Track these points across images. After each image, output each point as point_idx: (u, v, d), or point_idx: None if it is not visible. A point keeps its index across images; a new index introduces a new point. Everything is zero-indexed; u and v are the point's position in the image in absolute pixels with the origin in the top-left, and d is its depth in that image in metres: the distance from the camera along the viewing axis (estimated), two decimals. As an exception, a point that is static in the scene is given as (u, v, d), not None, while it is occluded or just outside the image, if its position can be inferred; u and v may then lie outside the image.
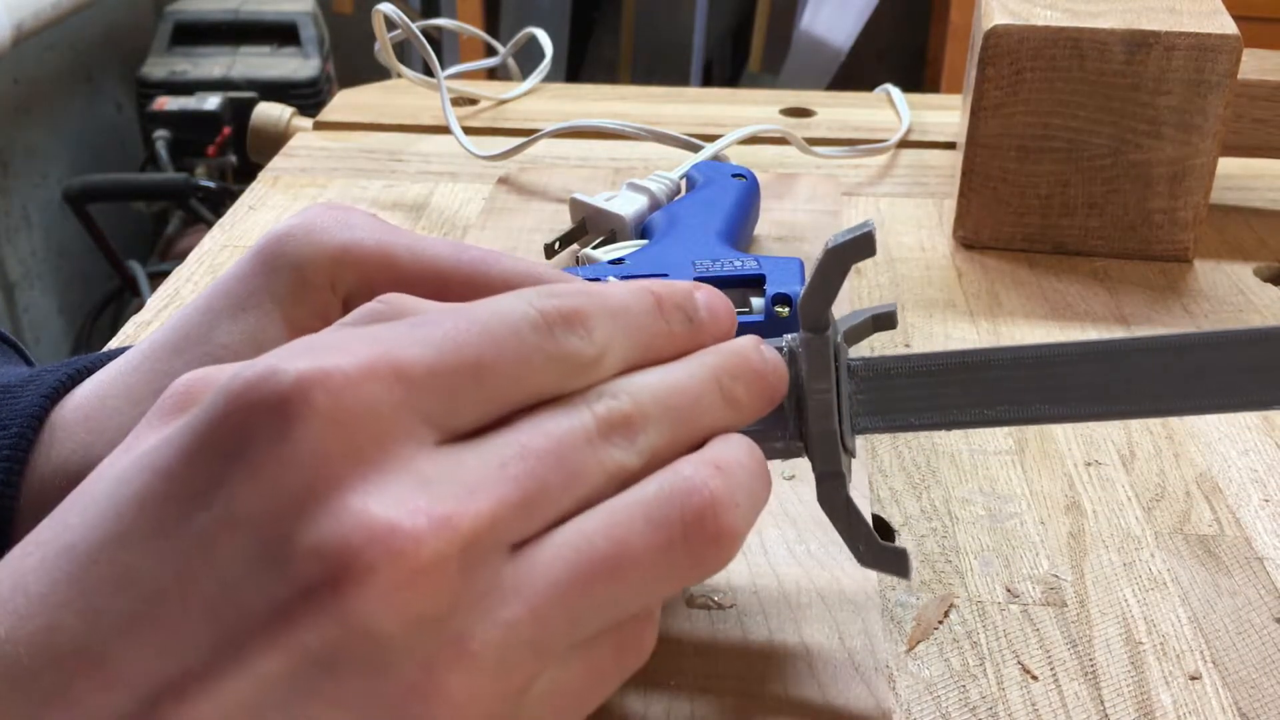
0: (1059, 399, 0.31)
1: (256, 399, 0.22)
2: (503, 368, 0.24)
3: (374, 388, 0.22)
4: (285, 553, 0.21)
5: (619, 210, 0.55)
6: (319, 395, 0.22)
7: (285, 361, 0.22)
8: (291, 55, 1.95)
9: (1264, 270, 0.58)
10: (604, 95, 0.83)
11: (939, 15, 2.03)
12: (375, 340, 0.23)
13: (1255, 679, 0.33)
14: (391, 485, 0.22)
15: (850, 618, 0.34)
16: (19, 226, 1.83)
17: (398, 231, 0.31)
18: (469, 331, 0.24)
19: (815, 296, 0.30)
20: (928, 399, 0.31)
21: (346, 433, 0.22)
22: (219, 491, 0.21)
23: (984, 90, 0.56)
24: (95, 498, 0.23)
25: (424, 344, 0.24)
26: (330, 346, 0.23)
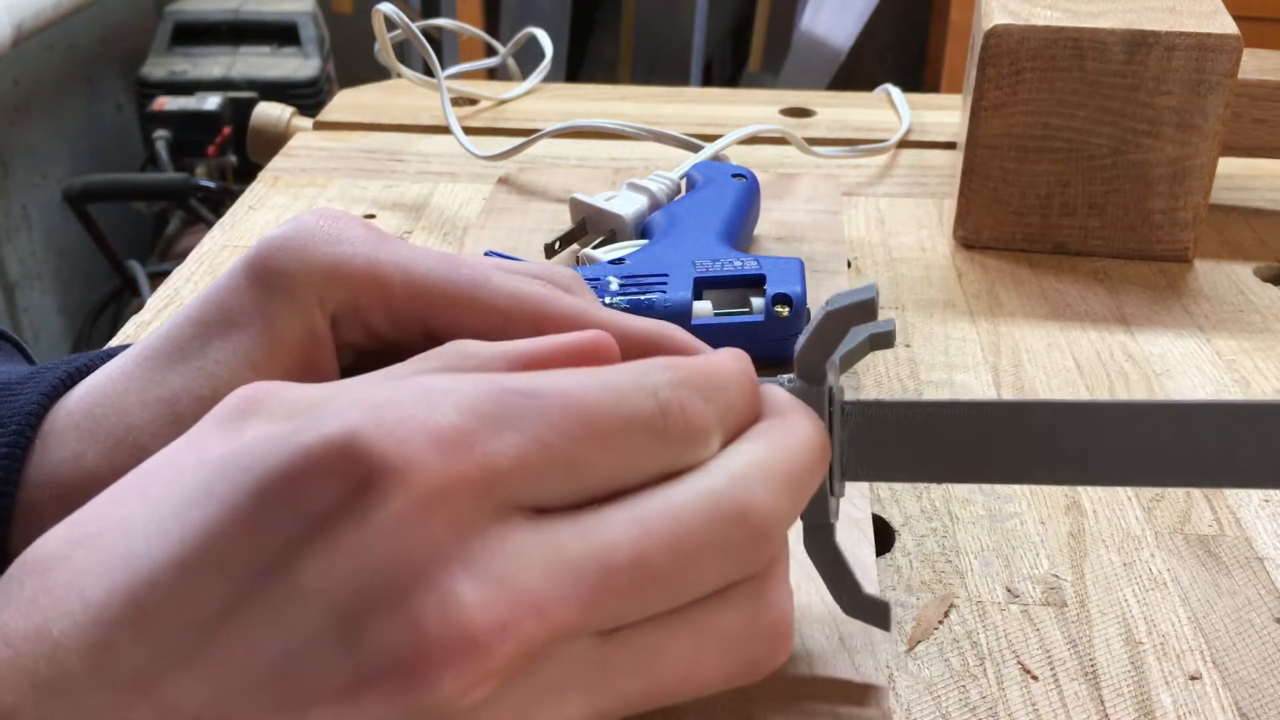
0: (1060, 462, 0.30)
1: (335, 467, 0.21)
2: (605, 460, 0.24)
3: (458, 484, 0.22)
4: (356, 638, 0.21)
5: (619, 210, 0.55)
6: (400, 485, 0.21)
7: (368, 428, 0.22)
8: (291, 55, 1.95)
9: (1264, 270, 0.58)
10: (604, 95, 0.83)
11: (939, 15, 2.03)
12: (467, 415, 0.22)
13: (1255, 679, 0.33)
14: (471, 578, 0.21)
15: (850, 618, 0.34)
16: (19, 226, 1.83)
17: (390, 247, 0.31)
18: (574, 421, 0.23)
19: (812, 351, 0.29)
20: (921, 452, 0.31)
21: (426, 526, 0.21)
22: (288, 553, 0.21)
23: (984, 90, 0.56)
24: (160, 504, 0.22)
25: (519, 430, 0.23)
26: (417, 416, 0.22)
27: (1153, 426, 0.29)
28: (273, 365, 0.30)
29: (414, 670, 0.21)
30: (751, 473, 0.25)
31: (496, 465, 0.22)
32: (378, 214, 0.64)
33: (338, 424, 0.22)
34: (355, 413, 0.22)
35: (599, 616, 0.23)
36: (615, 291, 0.47)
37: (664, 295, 0.46)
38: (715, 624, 0.25)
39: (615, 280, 0.47)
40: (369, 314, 0.31)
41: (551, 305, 0.31)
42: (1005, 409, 0.30)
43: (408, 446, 0.21)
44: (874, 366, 0.49)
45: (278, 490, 0.22)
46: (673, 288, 0.47)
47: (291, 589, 0.21)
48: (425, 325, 0.31)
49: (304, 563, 0.21)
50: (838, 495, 0.31)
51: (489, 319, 0.31)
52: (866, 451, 0.31)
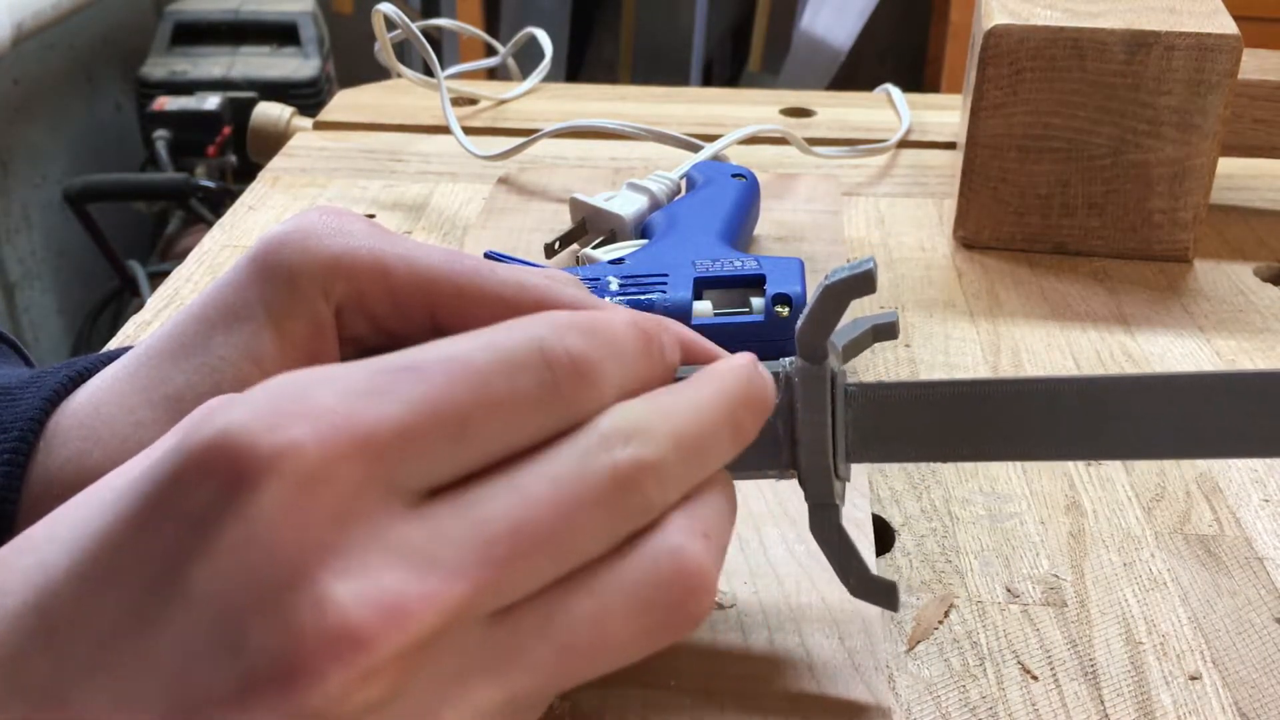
0: (1061, 436, 0.30)
1: (209, 467, 0.21)
2: (492, 421, 0.23)
3: (335, 463, 0.21)
4: (238, 642, 0.20)
5: (619, 210, 0.55)
6: (273, 474, 0.21)
7: (240, 423, 0.21)
8: (291, 55, 1.95)
9: (1264, 270, 0.58)
10: (604, 95, 0.83)
11: (939, 15, 2.03)
12: (344, 395, 0.22)
13: (1255, 679, 0.33)
14: (349, 571, 0.21)
15: (850, 618, 0.34)
16: (19, 226, 1.83)
17: (392, 240, 0.31)
18: (455, 381, 0.23)
19: (812, 328, 0.29)
20: (925, 430, 0.31)
21: (304, 515, 0.21)
22: (175, 560, 0.21)
23: (984, 90, 0.56)
24: (79, 518, 0.22)
25: (401, 400, 0.22)
26: (292, 404, 0.22)
27: (1152, 399, 0.29)
28: (277, 359, 0.30)
29: (295, 673, 0.20)
30: (624, 425, 0.24)
31: (375, 437, 0.22)
32: (378, 214, 0.64)
33: (214, 424, 0.21)
34: (234, 410, 0.22)
35: (488, 592, 0.22)
36: (615, 291, 0.47)
37: (664, 295, 0.46)
38: (613, 581, 0.24)
39: (615, 280, 0.47)
40: (374, 305, 0.31)
41: (554, 293, 0.31)
42: (1005, 385, 0.30)
43: (280, 432, 0.21)
44: (874, 366, 0.49)
45: (159, 497, 0.21)
46: (673, 288, 0.47)
47: (180, 596, 0.21)
48: (430, 316, 0.31)
49: (190, 568, 0.21)
50: (842, 478, 0.31)
51: (493, 308, 0.30)
52: (870, 432, 0.31)
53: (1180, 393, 0.29)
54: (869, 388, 0.31)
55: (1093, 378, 0.30)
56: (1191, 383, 0.29)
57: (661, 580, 0.24)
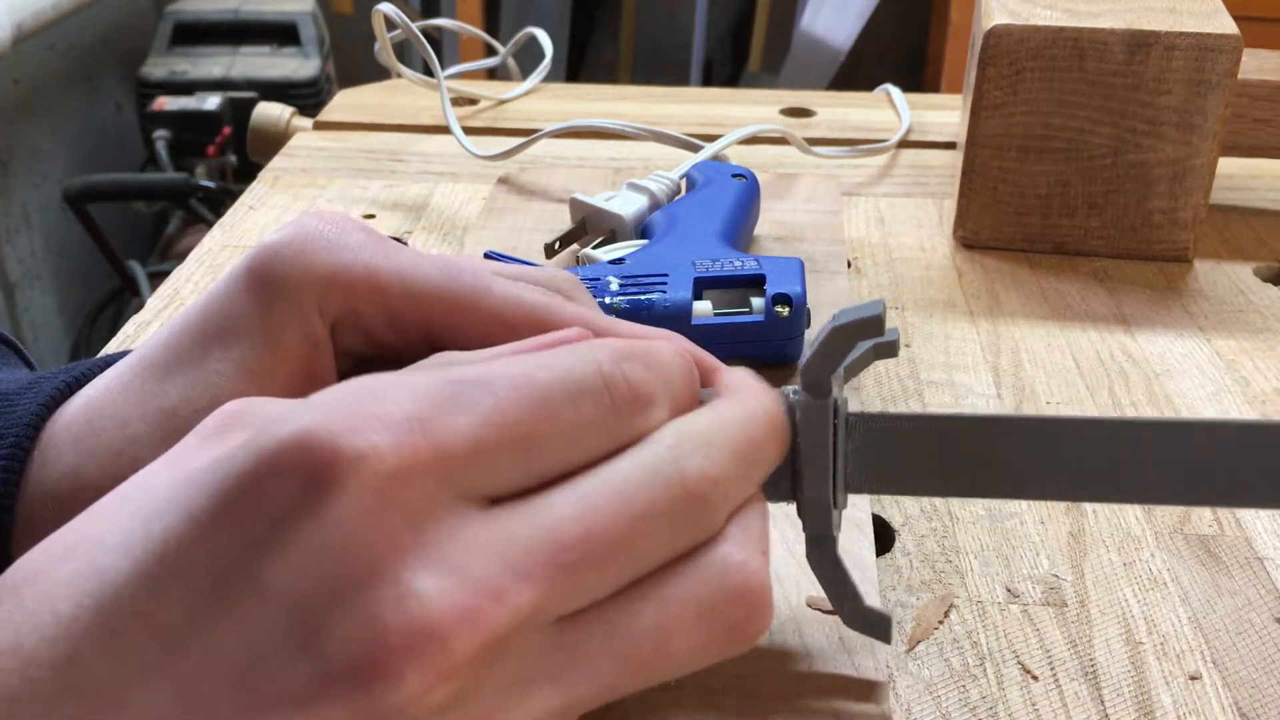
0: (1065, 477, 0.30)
1: (290, 466, 0.21)
2: (557, 438, 0.24)
3: (412, 469, 0.22)
4: (316, 638, 0.21)
5: (619, 210, 0.55)
6: (353, 477, 0.21)
7: (321, 425, 0.22)
8: (291, 55, 1.95)
9: (1264, 270, 0.58)
10: (604, 95, 0.83)
11: (939, 15, 2.03)
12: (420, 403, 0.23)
13: (1255, 679, 0.33)
14: (427, 571, 0.21)
15: (850, 618, 0.34)
16: (19, 226, 1.83)
17: (388, 253, 0.31)
18: (524, 400, 0.24)
19: (818, 364, 0.29)
20: (926, 464, 0.31)
21: (382, 518, 0.21)
22: (249, 557, 0.21)
23: (984, 90, 0.56)
24: (130, 518, 0.22)
25: (471, 413, 0.23)
26: (370, 410, 0.22)
27: (1161, 444, 0.29)
28: (273, 374, 0.30)
29: (374, 668, 0.20)
30: (688, 440, 0.25)
31: (450, 447, 0.22)
32: (378, 214, 0.64)
33: (293, 425, 0.22)
34: (310, 413, 0.22)
35: (557, 597, 0.23)
36: (615, 291, 0.47)
37: (664, 295, 0.46)
38: (677, 592, 0.25)
39: (615, 280, 0.47)
40: (369, 320, 0.31)
41: (553, 312, 0.31)
42: (1011, 423, 0.30)
43: (360, 437, 0.21)
44: (875, 367, 0.49)
45: (235, 495, 0.21)
46: (673, 288, 0.47)
47: (253, 593, 0.21)
48: (426, 332, 0.31)
49: (264, 565, 0.21)
50: (840, 507, 0.31)
51: (490, 326, 0.31)
52: (870, 464, 0.31)
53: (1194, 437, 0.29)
54: (871, 419, 0.31)
55: (1101, 419, 0.30)
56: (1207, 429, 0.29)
57: (727, 593, 0.25)
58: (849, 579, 0.31)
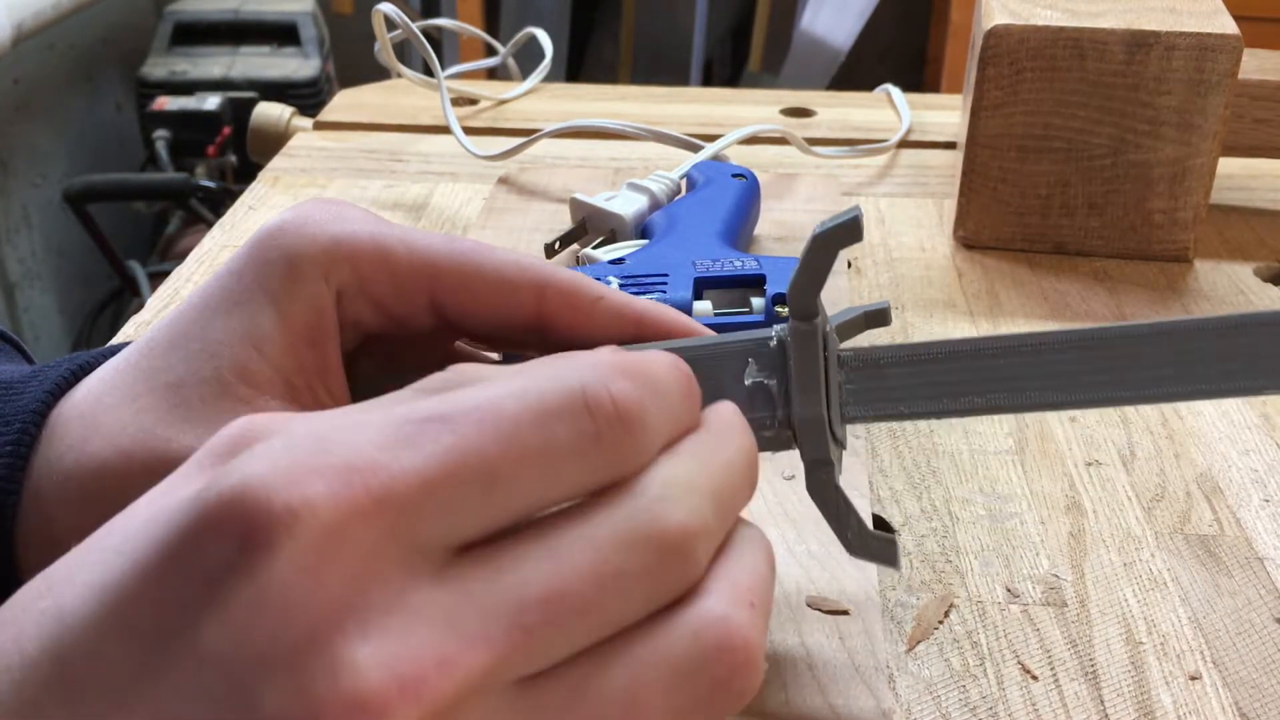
0: (1051, 386, 0.30)
1: (226, 523, 0.20)
2: (525, 475, 0.22)
3: (353, 521, 0.20)
4: (251, 706, 0.20)
5: (619, 210, 0.55)
6: (286, 535, 0.20)
7: (259, 479, 0.20)
8: (291, 55, 1.95)
9: (1264, 270, 0.58)
10: (604, 95, 0.83)
11: (939, 15, 2.03)
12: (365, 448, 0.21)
13: (1255, 679, 0.33)
14: (365, 638, 0.20)
15: (850, 618, 0.34)
16: (19, 226, 1.83)
17: (390, 224, 0.31)
18: (485, 432, 0.21)
19: (803, 284, 0.30)
20: (917, 387, 0.31)
21: (318, 578, 0.20)
22: (187, 615, 0.20)
23: (984, 90, 0.56)
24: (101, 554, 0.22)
25: (425, 453, 0.21)
26: (310, 459, 0.21)
27: (1144, 345, 0.30)
28: (277, 341, 0.30)
29: None
30: (674, 489, 0.23)
31: (394, 495, 0.20)
32: (378, 214, 0.64)
33: (235, 478, 0.20)
34: (256, 463, 0.21)
35: (515, 661, 0.21)
36: (615, 291, 0.47)
37: (664, 295, 0.46)
38: (651, 651, 0.22)
39: (615, 280, 0.47)
40: (374, 287, 0.31)
41: (553, 272, 0.31)
42: (996, 342, 0.30)
43: (295, 490, 0.20)
44: (874, 366, 0.49)
45: (175, 549, 0.20)
46: (673, 288, 0.47)
47: (190, 653, 0.20)
48: (431, 297, 0.31)
49: (201, 626, 0.20)
50: (838, 439, 0.31)
51: (493, 285, 0.30)
52: (863, 393, 0.31)
53: (1171, 337, 0.29)
54: (861, 351, 0.31)
55: (1080, 329, 0.30)
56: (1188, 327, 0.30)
57: (705, 654, 0.22)
58: (850, 505, 0.30)
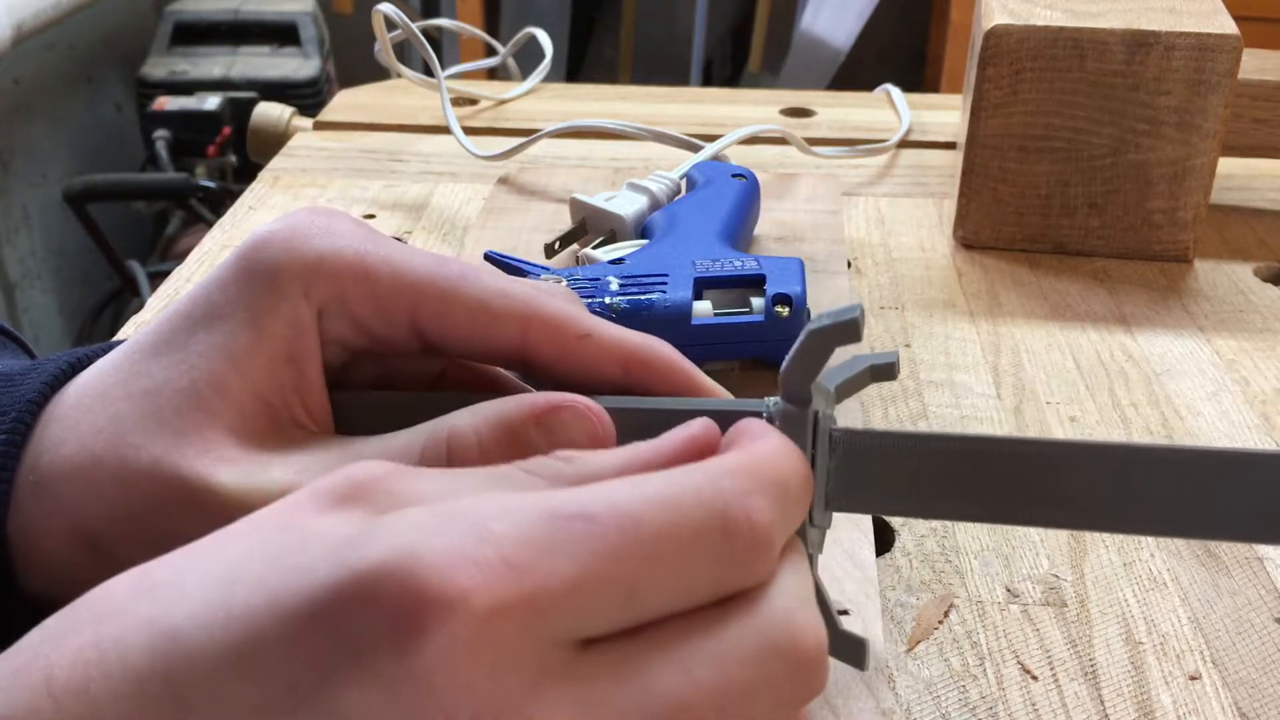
0: (1054, 504, 0.28)
1: (382, 597, 0.21)
2: (662, 587, 0.23)
3: (504, 617, 0.21)
4: None
5: (619, 210, 0.55)
6: (444, 623, 0.20)
7: (417, 557, 0.21)
8: (291, 55, 1.95)
9: (1264, 270, 0.58)
10: (604, 95, 0.83)
11: (939, 15, 2.03)
12: (519, 544, 0.21)
13: (1255, 679, 0.33)
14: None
15: (850, 618, 0.34)
16: (19, 226, 1.83)
17: (378, 242, 0.31)
18: (630, 545, 0.22)
19: (796, 371, 0.28)
20: (910, 484, 0.29)
21: (465, 666, 0.20)
22: (326, 678, 0.21)
23: (984, 90, 0.56)
24: (220, 573, 0.22)
25: (573, 559, 0.22)
26: (468, 548, 0.21)
27: (1161, 473, 0.27)
28: (253, 356, 0.30)
29: None
30: (797, 605, 0.24)
31: (545, 598, 0.21)
32: (378, 214, 0.64)
33: (386, 549, 0.21)
34: (406, 536, 0.21)
35: None
36: (615, 291, 0.47)
37: (664, 295, 0.46)
38: None
39: (615, 280, 0.47)
40: (355, 307, 0.31)
41: (540, 304, 0.31)
42: (999, 445, 0.28)
43: (456, 578, 0.21)
44: (874, 366, 0.49)
45: (325, 608, 0.21)
46: (673, 288, 0.47)
47: (325, 712, 0.21)
48: (413, 320, 0.31)
49: (339, 691, 0.21)
50: (820, 526, 0.30)
51: (475, 316, 0.30)
52: (852, 481, 0.29)
53: (1195, 468, 0.27)
54: (855, 435, 0.29)
55: (1095, 443, 0.28)
56: (1207, 458, 0.27)
57: None
58: (826, 603, 0.29)
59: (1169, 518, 0.27)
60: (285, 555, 0.22)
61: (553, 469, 0.25)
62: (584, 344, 0.31)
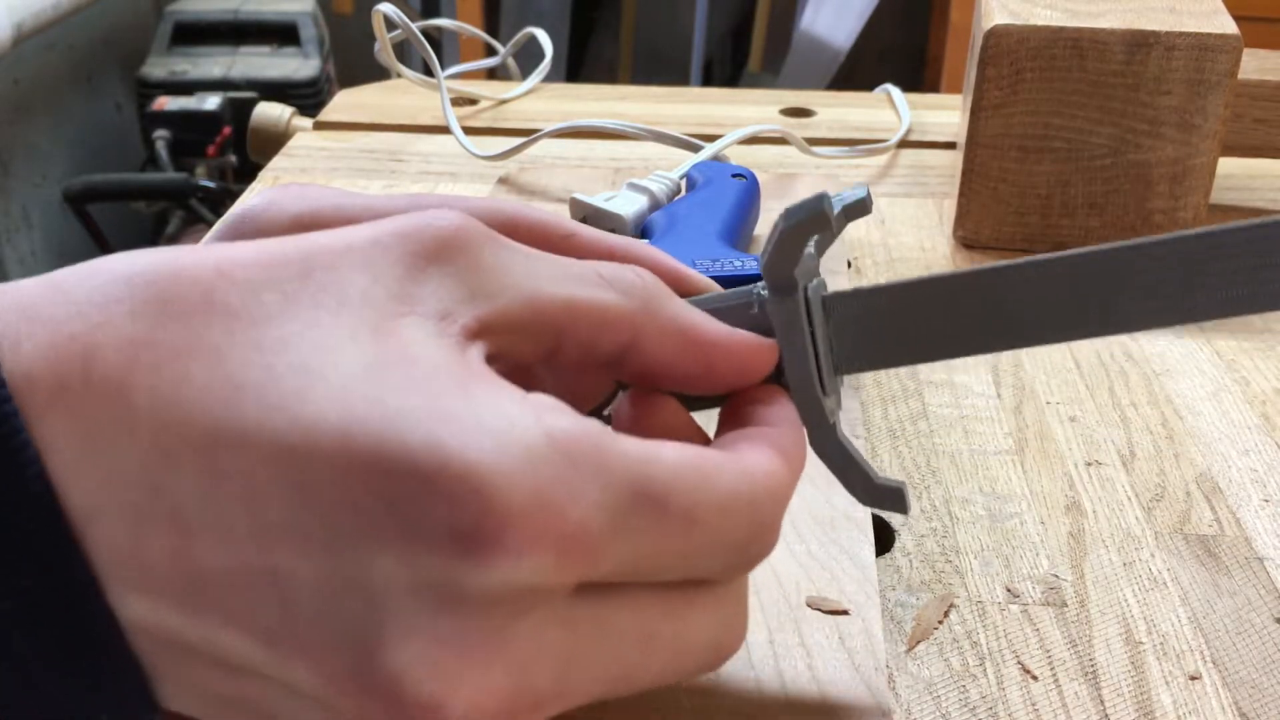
0: (1043, 321, 0.30)
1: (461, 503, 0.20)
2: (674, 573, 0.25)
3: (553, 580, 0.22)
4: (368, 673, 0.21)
5: (619, 210, 0.55)
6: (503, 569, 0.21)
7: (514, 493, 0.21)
8: (291, 55, 1.95)
9: (1264, 270, 0.58)
10: (604, 95, 0.83)
11: (939, 15, 2.03)
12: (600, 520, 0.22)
13: (1255, 679, 0.33)
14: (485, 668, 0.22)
15: (850, 618, 0.34)
16: (19, 226, 1.83)
17: (353, 194, 0.31)
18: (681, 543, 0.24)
19: (777, 262, 0.29)
20: (906, 333, 0.31)
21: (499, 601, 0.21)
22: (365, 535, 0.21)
23: (984, 90, 0.56)
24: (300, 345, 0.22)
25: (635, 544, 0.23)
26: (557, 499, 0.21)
27: (1139, 266, 0.29)
28: None
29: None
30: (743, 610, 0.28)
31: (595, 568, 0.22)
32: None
33: (484, 455, 0.21)
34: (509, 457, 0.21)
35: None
36: (615, 291, 0.47)
37: (664, 295, 0.46)
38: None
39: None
40: None
41: (521, 209, 0.32)
42: (984, 276, 0.30)
43: (532, 534, 0.21)
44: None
45: (394, 473, 0.20)
46: (673, 288, 0.47)
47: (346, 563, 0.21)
48: None
49: (373, 552, 0.21)
50: (831, 393, 0.31)
51: None
52: (852, 343, 0.31)
53: (1172, 255, 0.29)
54: (845, 298, 0.31)
55: (1076, 254, 0.30)
56: (1179, 244, 0.29)
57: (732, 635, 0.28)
58: (854, 458, 0.30)
59: (1147, 311, 0.29)
60: (363, 376, 0.21)
61: (626, 283, 0.27)
62: (570, 242, 0.31)
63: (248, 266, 0.23)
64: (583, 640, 0.23)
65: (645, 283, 0.27)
